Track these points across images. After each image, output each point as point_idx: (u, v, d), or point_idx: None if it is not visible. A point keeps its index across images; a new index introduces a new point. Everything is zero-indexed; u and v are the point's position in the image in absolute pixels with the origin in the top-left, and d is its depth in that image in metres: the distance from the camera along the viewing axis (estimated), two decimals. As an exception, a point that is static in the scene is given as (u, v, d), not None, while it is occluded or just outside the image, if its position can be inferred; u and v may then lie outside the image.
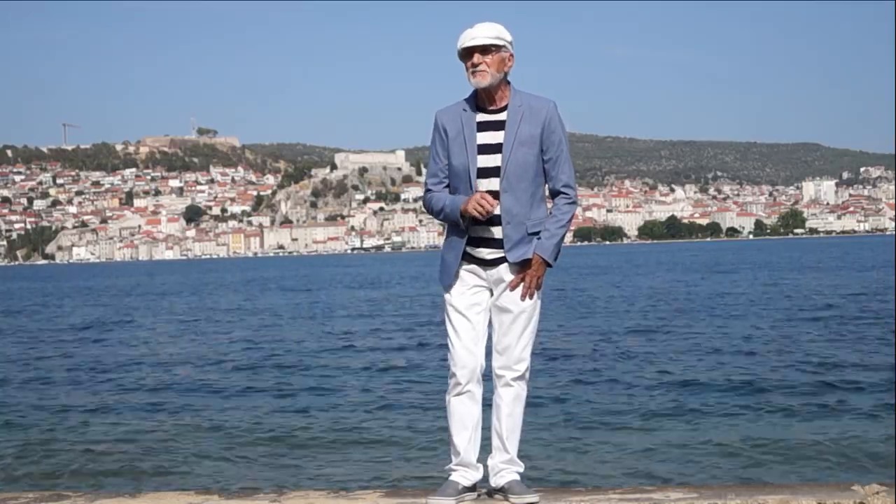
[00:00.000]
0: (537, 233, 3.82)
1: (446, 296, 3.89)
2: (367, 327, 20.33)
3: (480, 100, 3.85)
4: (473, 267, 3.85)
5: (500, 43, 3.77)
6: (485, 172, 3.79)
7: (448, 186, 3.90)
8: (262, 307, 29.81)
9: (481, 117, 3.84)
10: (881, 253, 64.11)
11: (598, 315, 21.24)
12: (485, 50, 3.76)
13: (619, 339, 15.74)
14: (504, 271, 3.83)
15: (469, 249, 3.84)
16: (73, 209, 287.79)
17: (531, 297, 3.82)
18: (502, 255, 3.81)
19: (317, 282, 52.29)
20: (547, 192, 3.93)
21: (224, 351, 16.29)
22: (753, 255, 76.14)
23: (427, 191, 3.95)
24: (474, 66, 3.76)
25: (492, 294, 3.88)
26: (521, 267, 3.81)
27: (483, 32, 3.77)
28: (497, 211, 3.77)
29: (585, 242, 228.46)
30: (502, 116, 3.82)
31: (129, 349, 17.24)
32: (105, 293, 46.14)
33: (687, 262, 62.81)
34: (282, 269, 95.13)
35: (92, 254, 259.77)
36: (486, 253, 3.82)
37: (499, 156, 3.78)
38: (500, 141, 3.79)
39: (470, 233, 3.82)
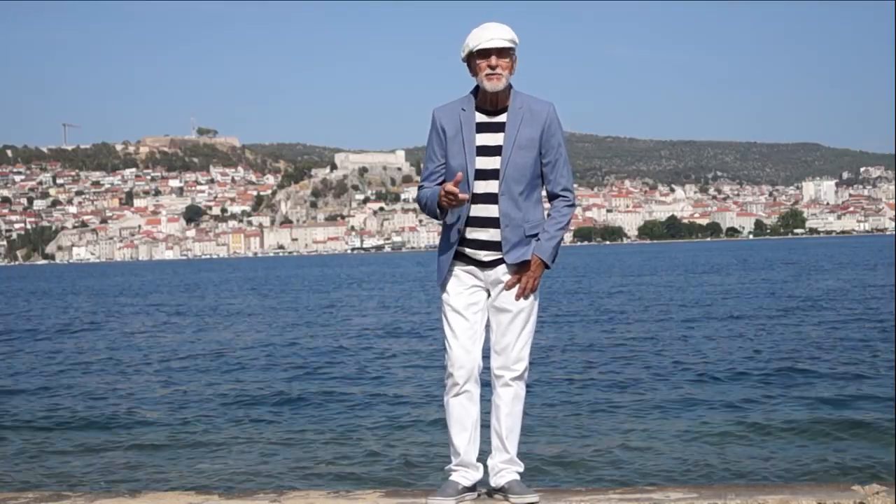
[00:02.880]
0: (535, 235, 3.80)
1: (444, 295, 3.86)
2: (363, 326, 20.33)
3: (482, 100, 3.79)
4: (471, 268, 3.82)
5: (514, 46, 3.73)
6: (483, 174, 3.75)
7: (442, 185, 3.83)
8: (258, 307, 29.82)
9: (480, 118, 3.78)
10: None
11: (601, 313, 21.25)
12: (501, 52, 3.69)
13: (620, 338, 15.74)
14: (502, 273, 3.81)
15: (467, 251, 3.82)
16: (73, 209, 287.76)
17: (526, 297, 3.80)
18: (500, 256, 3.79)
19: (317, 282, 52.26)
20: (544, 194, 3.91)
21: (221, 351, 16.28)
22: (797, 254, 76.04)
23: (420, 188, 3.92)
24: (492, 68, 3.69)
25: (489, 295, 3.86)
26: (519, 268, 3.79)
27: (501, 34, 3.69)
28: (491, 213, 3.76)
29: (585, 242, 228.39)
30: (502, 118, 3.77)
31: (122, 348, 17.23)
32: (87, 293, 46.16)
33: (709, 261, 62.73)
34: (285, 268, 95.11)
35: (92, 254, 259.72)
36: (484, 255, 3.79)
37: (497, 158, 3.74)
38: (500, 143, 3.75)
39: (468, 235, 3.80)
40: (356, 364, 13.67)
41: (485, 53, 3.69)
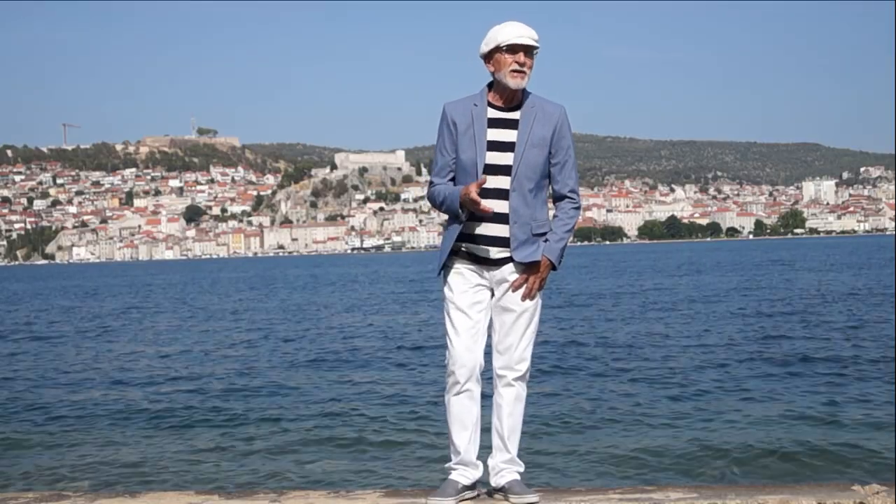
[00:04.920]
0: (541, 234, 3.81)
1: (447, 293, 3.86)
2: (362, 325, 20.33)
3: (495, 97, 3.81)
4: (476, 267, 3.83)
5: (539, 47, 3.78)
6: (493, 170, 3.75)
7: (453, 180, 3.84)
8: (255, 306, 29.82)
9: (493, 114, 3.79)
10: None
11: (603, 313, 21.25)
12: (528, 51, 3.73)
13: (620, 338, 15.73)
14: (508, 272, 3.81)
15: (474, 248, 3.81)
16: (73, 209, 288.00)
17: (533, 297, 3.81)
18: (508, 254, 3.79)
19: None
20: (549, 194, 3.93)
21: (218, 351, 16.28)
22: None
23: (430, 184, 3.91)
24: (521, 65, 3.71)
25: (493, 294, 3.86)
26: (526, 268, 3.79)
27: (531, 33, 3.73)
28: (500, 209, 3.76)
29: (585, 242, 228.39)
30: (515, 115, 3.78)
31: (119, 348, 17.23)
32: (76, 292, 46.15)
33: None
34: (284, 267, 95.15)
35: (92, 254, 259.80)
36: (495, 252, 3.79)
37: (509, 154, 3.75)
38: (512, 139, 3.76)
39: (475, 231, 3.80)
40: (355, 363, 13.67)
41: (514, 49, 3.71)
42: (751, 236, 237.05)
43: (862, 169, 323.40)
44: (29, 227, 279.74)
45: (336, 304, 30.37)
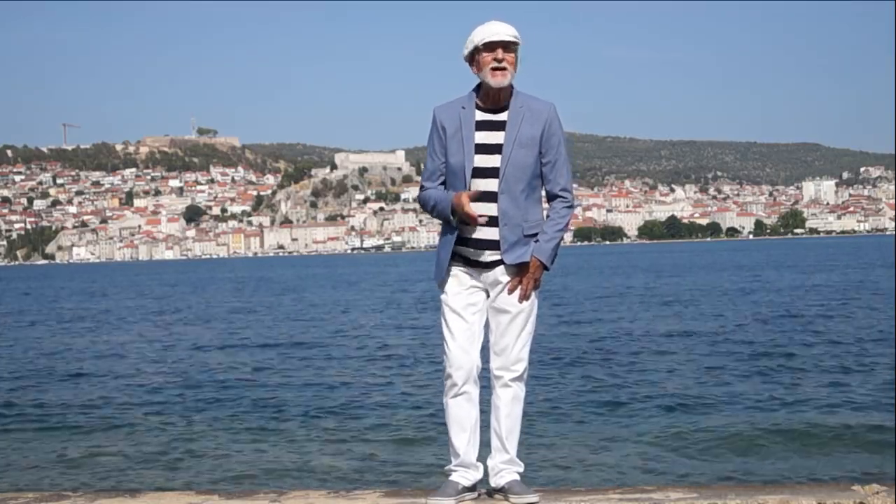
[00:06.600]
0: (533, 235, 3.79)
1: (442, 296, 3.86)
2: (361, 325, 20.32)
3: (483, 99, 3.79)
4: (470, 269, 3.82)
5: (518, 43, 3.74)
6: (482, 172, 3.74)
7: (444, 184, 3.84)
8: (256, 306, 29.82)
9: (481, 116, 3.77)
10: None
11: (603, 312, 21.25)
12: (507, 47, 3.70)
13: (619, 337, 15.73)
14: (500, 273, 3.80)
15: (466, 251, 3.80)
16: (73, 209, 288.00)
17: (528, 298, 3.81)
18: (499, 257, 3.78)
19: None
20: (543, 195, 3.90)
21: (218, 350, 16.28)
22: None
23: (421, 188, 3.91)
24: (498, 61, 3.68)
25: (488, 295, 3.85)
26: (518, 269, 3.78)
27: (506, 30, 3.70)
28: (491, 212, 3.75)
29: (585, 242, 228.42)
30: (502, 117, 3.76)
31: (117, 348, 17.22)
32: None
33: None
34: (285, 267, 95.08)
35: (92, 254, 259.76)
36: (488, 255, 3.78)
37: (497, 156, 3.73)
38: (500, 141, 3.73)
39: (467, 234, 3.79)
40: (355, 364, 13.66)
41: (491, 47, 3.69)
42: (751, 236, 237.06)
43: (862, 169, 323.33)
44: (29, 227, 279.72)
45: (335, 304, 30.36)
